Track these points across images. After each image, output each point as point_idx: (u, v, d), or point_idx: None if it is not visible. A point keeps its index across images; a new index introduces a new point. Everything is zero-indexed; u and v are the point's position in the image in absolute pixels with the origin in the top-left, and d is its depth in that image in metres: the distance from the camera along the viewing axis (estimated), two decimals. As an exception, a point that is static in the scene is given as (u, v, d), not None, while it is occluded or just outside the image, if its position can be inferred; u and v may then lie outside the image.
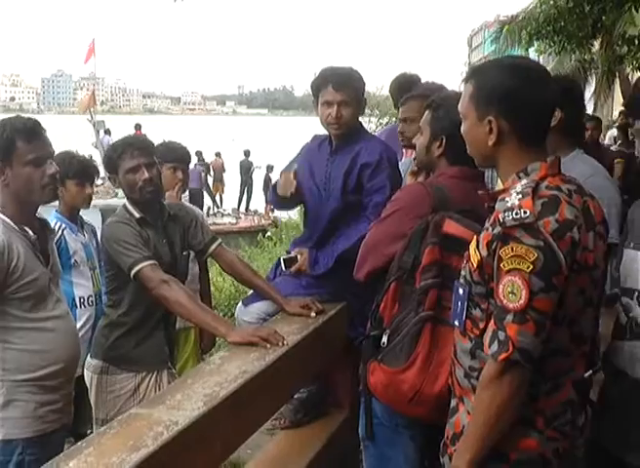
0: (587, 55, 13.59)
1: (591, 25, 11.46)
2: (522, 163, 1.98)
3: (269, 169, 23.07)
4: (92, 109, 21.15)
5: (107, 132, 21.87)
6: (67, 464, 1.77)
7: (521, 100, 1.97)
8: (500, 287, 1.85)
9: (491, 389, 1.87)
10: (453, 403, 2.14)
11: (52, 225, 3.72)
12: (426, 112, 2.77)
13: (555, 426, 1.96)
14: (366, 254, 2.79)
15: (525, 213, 1.82)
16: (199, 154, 22.89)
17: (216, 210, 22.35)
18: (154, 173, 3.16)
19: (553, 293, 1.82)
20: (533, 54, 13.16)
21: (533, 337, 1.81)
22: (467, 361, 2.04)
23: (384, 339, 2.53)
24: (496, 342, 1.84)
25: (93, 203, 4.24)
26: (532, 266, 1.79)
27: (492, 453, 1.93)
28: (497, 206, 1.93)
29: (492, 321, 1.89)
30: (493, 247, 1.88)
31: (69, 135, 26.98)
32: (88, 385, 3.27)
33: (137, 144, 3.18)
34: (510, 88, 1.97)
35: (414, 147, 3.10)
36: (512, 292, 1.81)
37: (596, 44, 14.06)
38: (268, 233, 14.90)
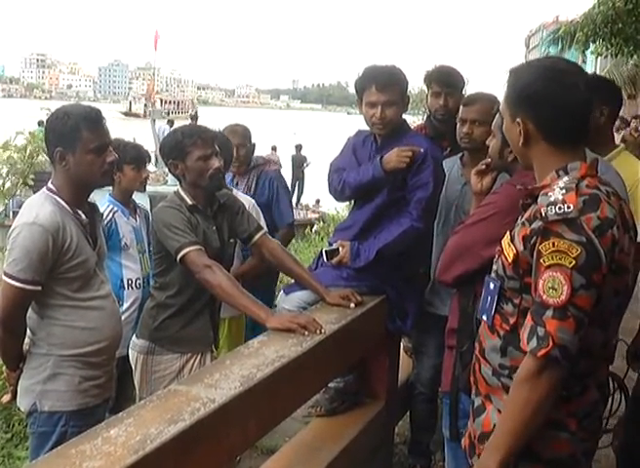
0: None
1: (651, 28, 11.26)
2: (553, 164, 1.97)
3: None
4: (151, 98, 21.50)
5: (170, 122, 22.10)
6: (109, 432, 1.85)
7: (545, 104, 1.96)
8: (541, 282, 1.82)
9: (528, 386, 1.84)
10: (477, 402, 2.13)
11: (104, 208, 3.83)
12: (497, 116, 2.71)
13: (585, 426, 1.97)
14: (455, 257, 2.75)
15: (568, 207, 1.81)
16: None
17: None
18: (222, 163, 3.28)
19: (593, 291, 1.80)
20: (590, 55, 12.95)
21: (572, 334, 1.79)
22: (497, 359, 2.04)
23: None
24: (535, 338, 1.82)
25: (142, 189, 4.29)
26: (574, 262, 1.77)
27: (523, 453, 1.93)
28: (539, 200, 1.90)
29: (528, 316, 1.87)
30: (531, 241, 1.87)
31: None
32: (133, 365, 3.34)
33: (209, 133, 3.27)
34: (535, 91, 1.96)
35: (478, 151, 3.12)
36: (553, 287, 1.79)
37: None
38: (315, 227, 14.91)
